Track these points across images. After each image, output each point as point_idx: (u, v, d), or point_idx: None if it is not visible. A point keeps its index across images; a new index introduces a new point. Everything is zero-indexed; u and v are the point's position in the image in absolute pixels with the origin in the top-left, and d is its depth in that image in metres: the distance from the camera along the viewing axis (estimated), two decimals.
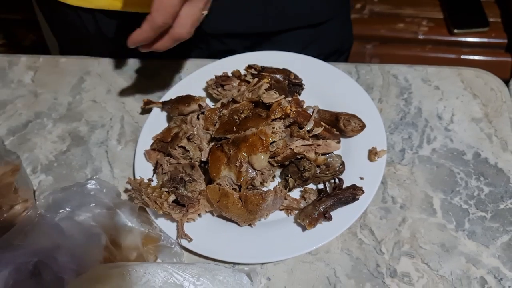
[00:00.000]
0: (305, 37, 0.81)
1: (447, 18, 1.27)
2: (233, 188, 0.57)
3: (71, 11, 0.77)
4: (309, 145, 0.58)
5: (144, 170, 0.64)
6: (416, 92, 0.70)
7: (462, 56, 1.24)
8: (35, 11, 1.37)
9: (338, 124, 0.63)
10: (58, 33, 0.93)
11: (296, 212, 0.59)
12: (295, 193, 0.61)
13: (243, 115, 0.60)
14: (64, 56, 0.83)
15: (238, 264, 0.57)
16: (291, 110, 0.58)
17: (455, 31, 1.25)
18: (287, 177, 0.60)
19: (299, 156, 0.58)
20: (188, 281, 0.49)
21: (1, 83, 0.79)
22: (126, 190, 0.64)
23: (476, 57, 1.24)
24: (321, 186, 0.60)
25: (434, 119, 0.67)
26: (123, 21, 0.75)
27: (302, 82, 0.68)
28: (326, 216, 0.56)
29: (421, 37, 1.27)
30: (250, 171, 0.56)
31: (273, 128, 0.57)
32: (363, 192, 0.57)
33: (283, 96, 0.60)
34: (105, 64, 0.80)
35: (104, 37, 0.79)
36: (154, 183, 0.61)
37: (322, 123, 0.61)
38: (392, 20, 1.30)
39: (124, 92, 0.76)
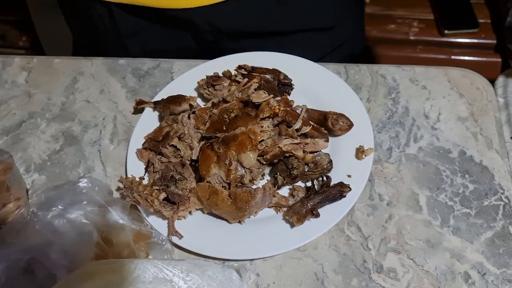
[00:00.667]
0: (317, 40, 0.82)
1: (438, 19, 1.29)
2: (222, 186, 0.58)
3: (89, 4, 0.78)
4: (297, 144, 0.59)
5: (136, 169, 0.65)
6: (404, 91, 0.72)
7: (453, 57, 1.25)
8: (29, 11, 1.38)
9: (327, 123, 0.64)
10: (74, 28, 0.94)
11: (285, 209, 0.60)
12: (284, 191, 0.62)
13: (232, 115, 0.61)
14: (58, 57, 0.84)
15: (228, 260, 0.58)
16: (279, 109, 0.59)
17: (446, 32, 1.26)
18: (276, 175, 0.61)
19: (287, 155, 0.60)
20: (177, 277, 0.50)
21: None
22: (118, 189, 0.65)
23: (466, 58, 1.25)
24: (309, 184, 0.62)
25: (421, 118, 0.69)
26: (138, 16, 0.77)
27: (292, 82, 0.70)
28: (313, 213, 0.58)
29: (412, 38, 1.28)
30: (239, 169, 0.58)
31: (262, 127, 0.58)
32: (350, 189, 0.59)
33: (272, 95, 0.61)
34: (98, 64, 0.81)
35: (118, 32, 0.80)
36: (145, 182, 0.62)
37: (311, 122, 0.62)
38: (384, 21, 1.31)
39: (117, 92, 0.77)
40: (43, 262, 0.53)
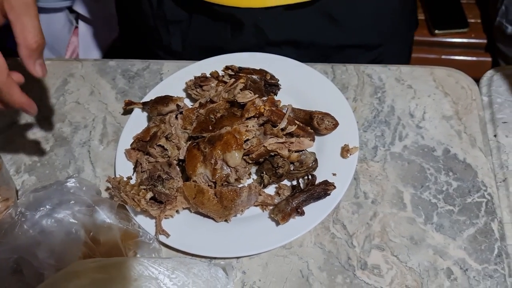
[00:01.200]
0: (362, 57, 0.82)
1: (428, 19, 1.30)
2: (208, 185, 0.59)
3: None
4: (282, 143, 0.60)
5: (125, 169, 0.66)
6: (390, 91, 0.73)
7: (443, 56, 1.26)
8: None
9: (312, 123, 0.65)
10: (121, 17, 0.95)
11: (271, 207, 0.60)
12: (270, 190, 0.63)
13: (219, 115, 0.62)
14: (48, 59, 0.84)
15: (214, 258, 0.59)
16: (265, 109, 0.60)
17: (436, 31, 1.27)
18: (262, 174, 0.62)
19: (273, 154, 0.60)
20: (163, 274, 0.51)
21: None
22: (107, 189, 0.66)
23: (456, 57, 1.26)
24: (295, 182, 0.62)
25: (406, 117, 0.70)
26: (187, 7, 0.77)
27: (279, 82, 0.70)
28: (298, 211, 0.58)
29: None
30: (225, 168, 0.58)
31: (247, 126, 0.59)
32: (334, 187, 0.59)
33: (258, 95, 0.62)
34: (88, 66, 0.82)
35: (164, 21, 0.80)
36: (133, 181, 0.63)
37: (296, 121, 0.63)
38: None
39: (107, 94, 0.77)
40: (31, 262, 0.54)
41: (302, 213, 0.58)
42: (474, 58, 1.26)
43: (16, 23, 0.51)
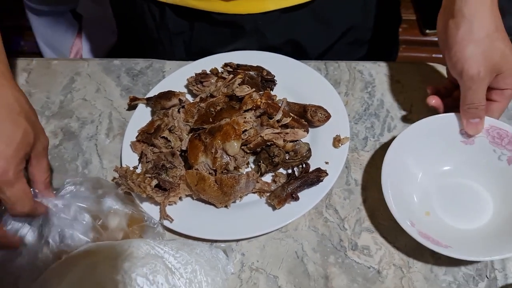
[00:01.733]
0: (355, 52, 0.87)
1: (419, 19, 1.35)
2: (209, 173, 0.63)
3: (143, 4, 0.82)
4: (278, 133, 0.64)
5: (130, 160, 0.70)
6: (379, 86, 0.77)
7: (434, 55, 1.31)
8: (27, 17, 1.44)
9: (306, 115, 0.69)
10: (121, 26, 0.99)
11: (268, 194, 0.65)
12: (267, 178, 0.67)
13: (218, 108, 0.66)
14: (56, 59, 0.89)
15: (215, 241, 0.63)
16: (261, 102, 0.65)
17: (427, 31, 1.32)
18: (259, 163, 0.66)
19: (269, 143, 0.65)
20: (168, 253, 0.55)
21: None
22: (114, 179, 0.70)
23: None
24: (290, 171, 0.67)
25: (394, 110, 0.74)
26: (188, 17, 0.80)
27: (275, 78, 0.75)
28: (293, 196, 0.63)
29: None
30: (225, 157, 0.63)
31: (245, 118, 0.63)
32: (326, 174, 0.64)
33: (254, 89, 0.66)
34: (94, 65, 0.86)
35: (167, 30, 0.84)
36: (139, 171, 0.67)
37: (291, 114, 0.67)
38: None
39: (112, 91, 0.82)
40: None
41: (296, 198, 0.63)
42: None
43: (36, 165, 0.57)
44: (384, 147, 0.70)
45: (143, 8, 0.83)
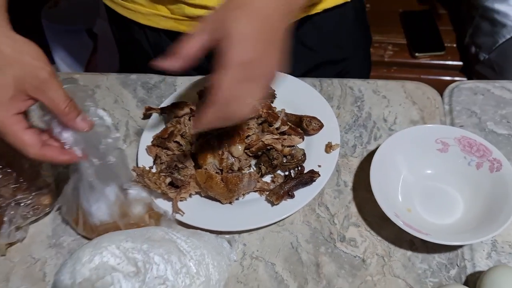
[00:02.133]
0: (330, 72, 0.95)
1: (409, 43, 1.45)
2: (216, 172, 0.72)
3: (139, 29, 0.91)
4: (277, 139, 0.74)
5: (146, 162, 0.79)
6: (368, 100, 0.87)
7: (422, 76, 1.41)
8: (46, 37, 1.55)
9: (302, 124, 0.78)
10: (121, 49, 1.08)
11: (267, 192, 0.73)
12: (267, 178, 0.76)
13: None
14: (78, 73, 0.99)
15: (220, 232, 0.71)
16: (262, 111, 0.74)
17: (416, 54, 1.43)
18: (260, 165, 0.75)
19: (269, 148, 0.74)
20: (180, 239, 0.64)
21: None
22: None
23: (434, 77, 1.41)
24: (287, 173, 0.76)
25: (380, 122, 0.83)
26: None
27: (275, 92, 0.84)
28: (289, 194, 0.72)
29: (387, 59, 1.45)
30: (230, 158, 0.72)
31: (248, 125, 0.73)
32: (319, 175, 0.73)
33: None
34: (113, 79, 0.96)
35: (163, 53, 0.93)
36: (154, 171, 0.76)
37: (289, 123, 0.77)
38: None
39: (129, 102, 0.91)
40: None
41: (292, 196, 0.72)
42: (450, 78, 1.41)
43: (45, 100, 0.57)
44: (371, 153, 0.79)
45: (140, 34, 0.92)
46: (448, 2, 1.53)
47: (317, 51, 0.92)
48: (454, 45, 1.44)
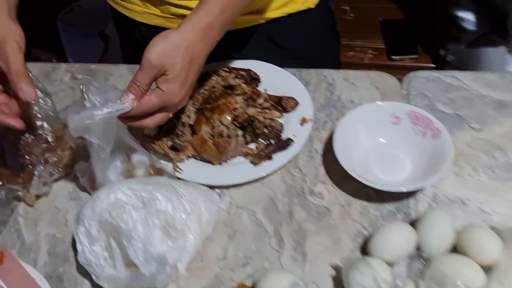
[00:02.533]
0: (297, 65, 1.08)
1: (387, 48, 1.62)
2: (209, 138, 0.88)
3: (135, 26, 1.06)
4: (259, 112, 0.90)
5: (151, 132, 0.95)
6: (338, 86, 1.02)
7: (398, 77, 1.57)
8: (61, 38, 1.72)
9: (281, 103, 0.94)
10: (123, 44, 1.25)
11: (251, 156, 0.89)
12: (252, 146, 0.92)
13: (217, 94, 0.92)
14: (93, 64, 1.15)
15: (211, 187, 0.86)
16: (248, 89, 0.90)
17: (393, 57, 1.60)
18: (245, 135, 0.91)
19: (253, 119, 0.90)
20: (178, 186, 0.79)
21: (47, 80, 1.11)
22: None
23: None
24: (268, 142, 0.91)
25: (348, 103, 0.99)
26: None
27: (260, 77, 1.01)
28: (268, 156, 0.87)
29: (367, 61, 1.62)
30: (220, 126, 0.88)
31: (236, 99, 0.89)
32: (293, 142, 0.88)
33: (244, 81, 0.92)
34: (123, 69, 1.12)
35: None
36: None
37: (270, 101, 0.93)
38: (345, 49, 1.65)
39: None
40: None
41: (270, 158, 0.87)
42: None
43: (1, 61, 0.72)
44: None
45: (136, 30, 1.07)
46: (422, 12, 1.70)
47: (286, 48, 1.08)
48: (427, 49, 1.61)
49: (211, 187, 0.86)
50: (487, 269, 0.69)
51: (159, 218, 0.72)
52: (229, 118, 0.88)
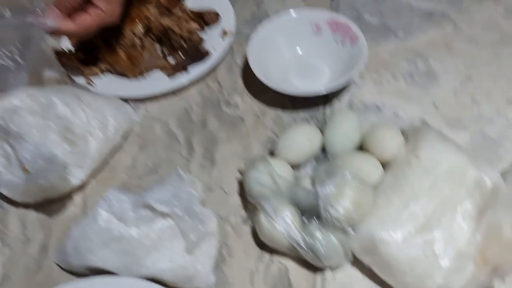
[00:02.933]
0: None
1: None
2: (121, 49, 0.85)
3: None
4: (174, 23, 0.87)
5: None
6: (267, 2, 0.99)
7: None
8: None
9: (203, 17, 0.91)
10: None
11: (167, 69, 0.86)
12: (170, 60, 0.89)
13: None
14: None
15: (126, 99, 0.84)
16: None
17: None
18: (163, 49, 0.88)
19: (168, 31, 0.87)
20: (84, 94, 0.77)
21: None
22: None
23: None
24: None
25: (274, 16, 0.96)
26: None
27: None
28: (184, 68, 0.85)
29: None
30: (132, 36, 0.85)
31: (148, 8, 0.85)
32: (208, 53, 0.86)
33: None
34: None
35: None
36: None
37: (187, 12, 0.90)
38: None
39: None
40: None
41: (186, 69, 0.85)
42: None
43: None
44: None
45: None
46: None
47: None
48: None
49: (126, 101, 0.84)
50: (388, 165, 0.68)
51: (56, 122, 0.70)
52: (140, 27, 0.85)
